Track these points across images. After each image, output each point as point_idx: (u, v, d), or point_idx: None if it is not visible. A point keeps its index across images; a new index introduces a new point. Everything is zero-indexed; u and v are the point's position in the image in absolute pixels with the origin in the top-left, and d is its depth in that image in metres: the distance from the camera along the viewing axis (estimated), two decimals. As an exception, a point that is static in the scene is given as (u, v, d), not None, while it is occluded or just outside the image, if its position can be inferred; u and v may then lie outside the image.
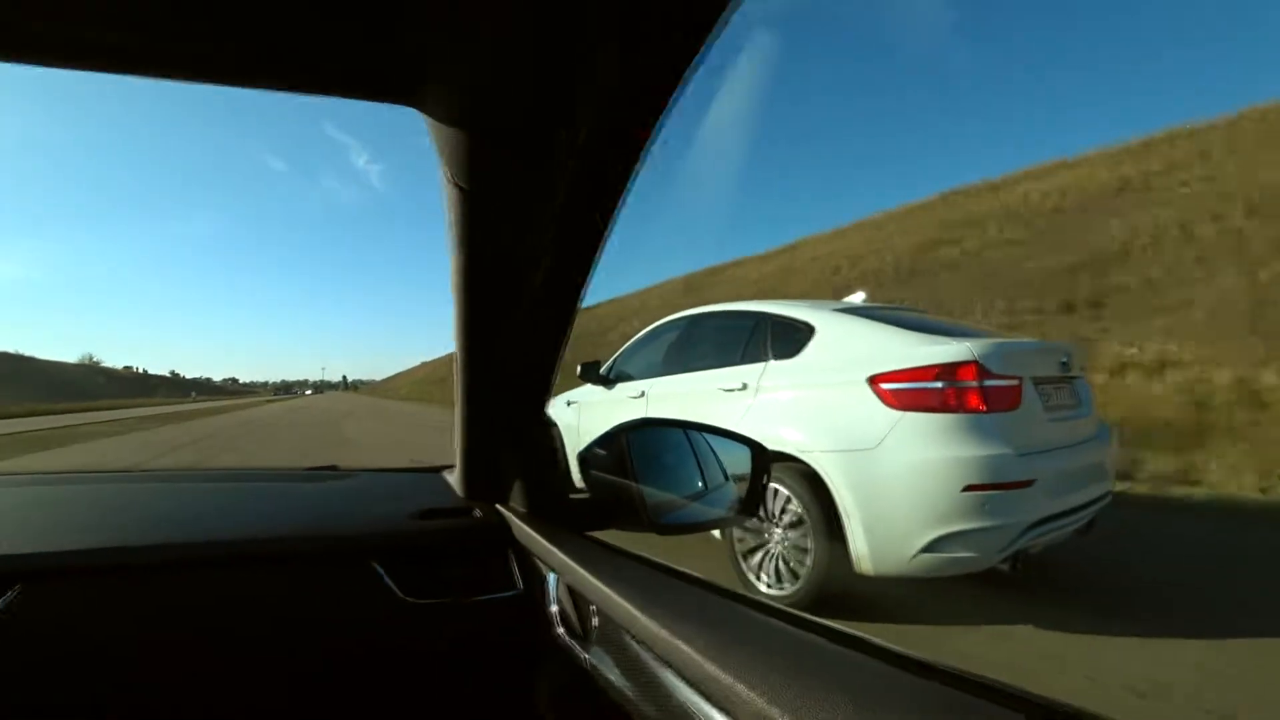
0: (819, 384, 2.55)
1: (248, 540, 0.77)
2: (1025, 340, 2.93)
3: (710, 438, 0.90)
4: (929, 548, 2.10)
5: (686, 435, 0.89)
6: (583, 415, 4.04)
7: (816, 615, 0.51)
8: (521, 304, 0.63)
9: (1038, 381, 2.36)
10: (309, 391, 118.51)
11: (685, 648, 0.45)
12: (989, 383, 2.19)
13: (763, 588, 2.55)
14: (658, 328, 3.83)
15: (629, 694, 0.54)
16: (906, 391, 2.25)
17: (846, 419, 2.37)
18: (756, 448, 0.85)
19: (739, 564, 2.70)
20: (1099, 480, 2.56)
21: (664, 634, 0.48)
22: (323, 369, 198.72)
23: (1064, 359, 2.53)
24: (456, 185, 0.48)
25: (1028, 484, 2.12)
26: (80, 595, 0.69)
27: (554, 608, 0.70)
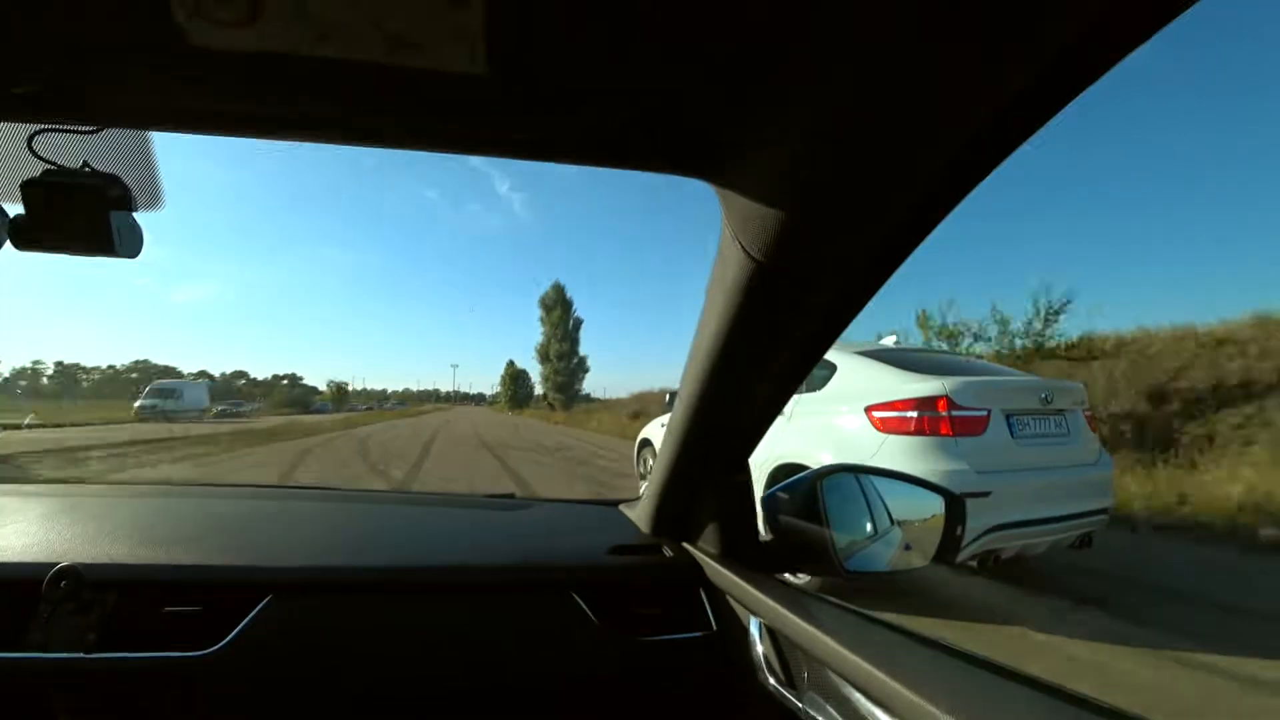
0: (834, 412, 3.28)
1: (460, 567, 0.83)
2: (1004, 377, 3.36)
3: (886, 483, 0.90)
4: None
5: (859, 480, 0.89)
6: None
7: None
8: (770, 363, 0.63)
9: (1011, 413, 2.91)
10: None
11: (934, 710, 0.44)
12: (957, 413, 2.82)
13: None
14: None
15: None
16: (890, 419, 2.94)
17: (849, 439, 3.09)
18: (949, 496, 0.84)
19: None
20: (1085, 499, 2.99)
21: (906, 693, 0.47)
22: (454, 366, 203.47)
23: (1044, 394, 3.03)
24: (750, 256, 0.49)
25: (984, 495, 2.70)
26: (317, 608, 0.73)
27: (759, 650, 0.69)
